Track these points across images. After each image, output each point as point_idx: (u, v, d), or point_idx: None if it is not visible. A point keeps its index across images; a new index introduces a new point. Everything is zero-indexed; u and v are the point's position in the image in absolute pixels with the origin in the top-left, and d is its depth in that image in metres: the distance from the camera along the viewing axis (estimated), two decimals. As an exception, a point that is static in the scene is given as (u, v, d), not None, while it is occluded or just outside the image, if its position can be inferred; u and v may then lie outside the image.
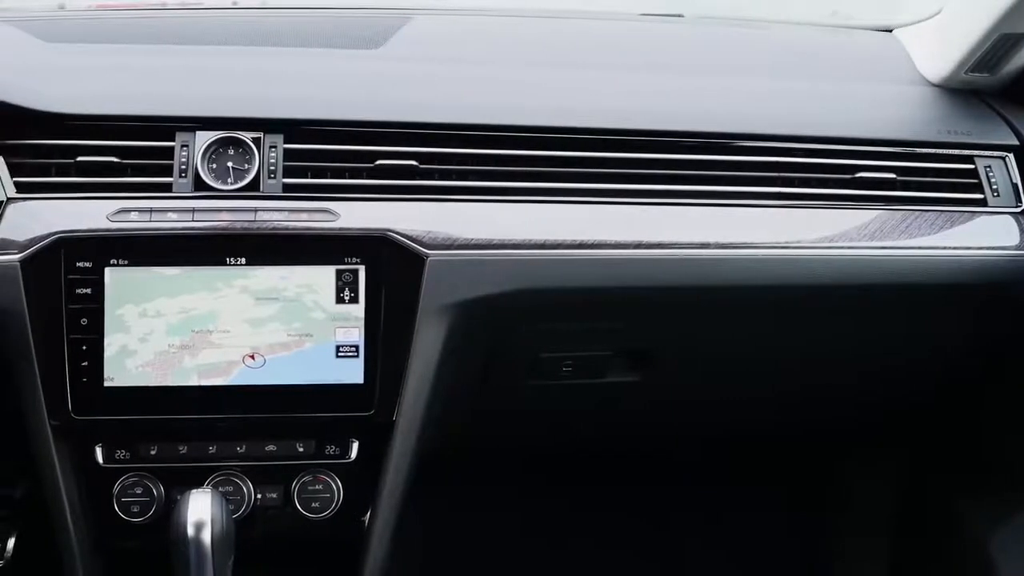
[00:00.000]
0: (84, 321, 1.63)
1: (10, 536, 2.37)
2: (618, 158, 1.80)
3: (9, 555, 2.36)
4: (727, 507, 2.57)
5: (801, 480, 2.59)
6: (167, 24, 2.13)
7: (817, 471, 2.58)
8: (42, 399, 1.64)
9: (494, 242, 1.70)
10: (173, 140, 1.71)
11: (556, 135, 1.79)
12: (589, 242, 1.72)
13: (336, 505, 1.72)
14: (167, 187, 1.69)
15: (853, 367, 2.03)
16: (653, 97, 1.93)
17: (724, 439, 2.34)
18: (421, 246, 1.67)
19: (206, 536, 1.50)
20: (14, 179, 1.68)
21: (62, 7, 2.41)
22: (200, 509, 1.52)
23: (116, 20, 2.17)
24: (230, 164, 1.70)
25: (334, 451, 1.73)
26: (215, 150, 1.70)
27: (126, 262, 1.63)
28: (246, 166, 1.70)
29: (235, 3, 2.59)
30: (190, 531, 1.50)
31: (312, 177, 1.72)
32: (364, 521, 1.74)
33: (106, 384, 1.64)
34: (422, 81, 1.86)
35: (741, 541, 2.58)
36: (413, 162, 1.73)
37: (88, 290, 1.63)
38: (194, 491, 1.56)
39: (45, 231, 1.63)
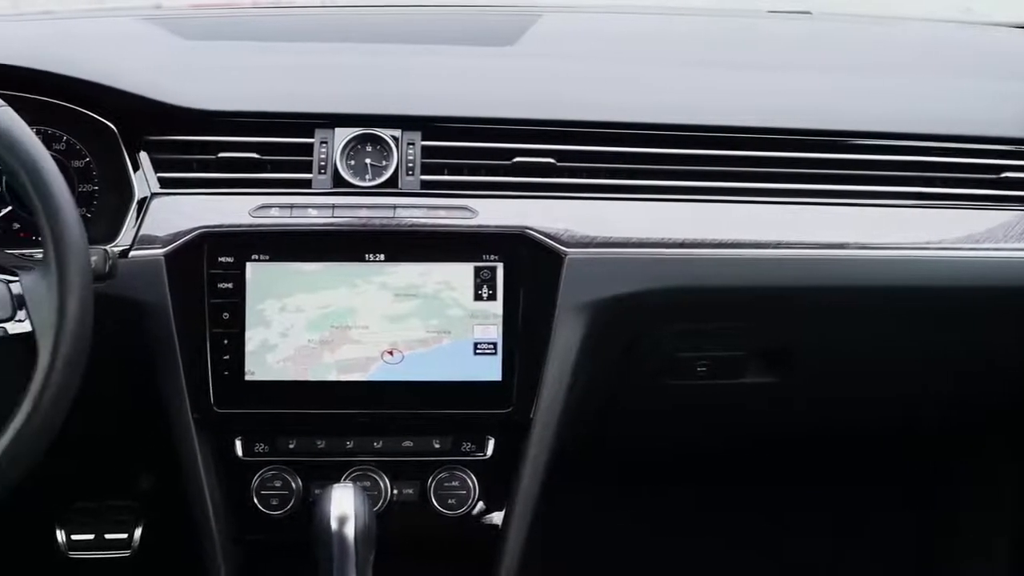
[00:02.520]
0: (226, 315, 1.65)
1: (137, 526, 2.41)
2: (755, 156, 1.77)
3: (136, 545, 2.40)
4: (851, 506, 2.53)
5: (924, 480, 2.54)
6: (297, 22, 2.15)
7: (943, 471, 2.52)
8: (185, 392, 1.66)
9: (632, 241, 1.69)
10: (312, 137, 1.71)
11: (692, 133, 1.77)
12: (728, 241, 1.70)
13: (472, 502, 1.73)
14: (306, 183, 1.70)
15: (992, 368, 1.99)
16: (787, 95, 1.90)
17: (855, 438, 2.30)
18: (560, 244, 1.66)
19: (349, 530, 1.50)
20: (157, 174, 1.70)
21: (158, 6, 2.45)
22: (343, 503, 1.52)
23: (247, 18, 2.21)
24: (368, 161, 1.71)
25: (470, 448, 1.73)
26: (353, 147, 1.71)
27: (267, 257, 1.65)
28: (384, 163, 1.70)
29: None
30: (333, 525, 1.50)
31: (449, 174, 1.72)
32: (499, 518, 1.74)
33: (247, 378, 1.66)
34: (559, 78, 1.85)
35: (862, 540, 2.54)
36: (551, 160, 1.72)
37: (230, 285, 1.64)
38: (336, 485, 1.57)
39: (188, 226, 1.65)
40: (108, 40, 1.95)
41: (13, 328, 1.42)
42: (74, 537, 2.40)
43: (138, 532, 2.41)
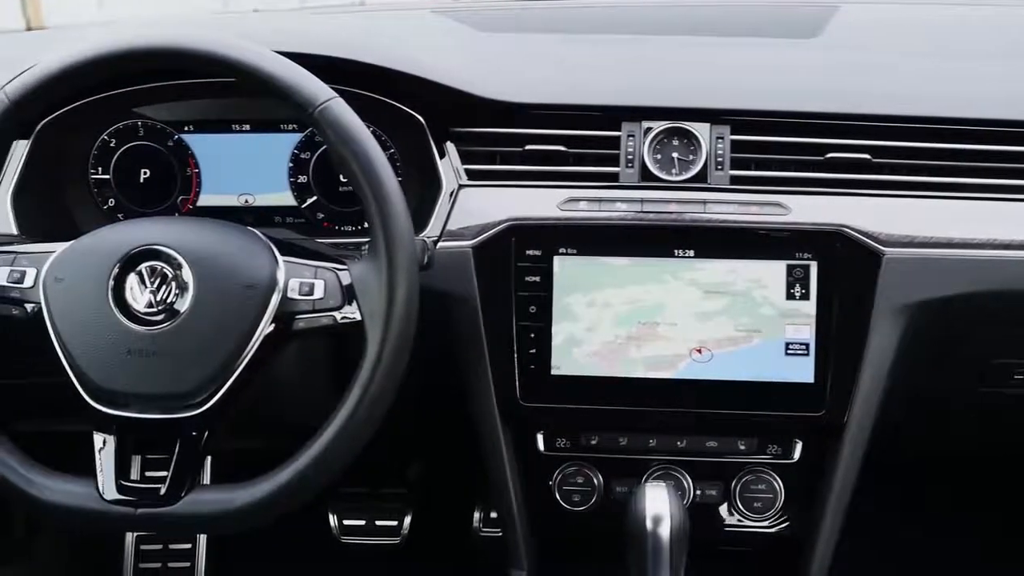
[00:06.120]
0: (532, 309, 1.64)
1: (407, 514, 2.45)
2: None
3: (405, 532, 2.44)
4: None
5: None
6: (584, 14, 2.15)
7: None
8: (492, 385, 1.65)
9: (955, 241, 1.61)
10: (619, 130, 1.69)
11: (1017, 129, 1.68)
12: None
13: (777, 507, 1.69)
14: (613, 177, 1.67)
15: None
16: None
17: None
18: (878, 243, 1.60)
19: (664, 530, 1.48)
20: (465, 166, 1.70)
21: (362, 3, 2.47)
22: (658, 503, 1.50)
23: (532, 11, 2.21)
24: (675, 155, 1.67)
25: (776, 451, 1.70)
26: (660, 140, 1.68)
27: (574, 251, 1.63)
28: (691, 157, 1.67)
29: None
30: (648, 524, 1.48)
31: (756, 169, 1.68)
32: (804, 523, 1.70)
33: (553, 372, 1.64)
34: (871, 71, 1.78)
35: None
36: (866, 156, 1.66)
37: (537, 278, 1.63)
38: (649, 484, 1.55)
39: (496, 218, 1.64)
40: (408, 34, 1.97)
41: (342, 316, 1.44)
42: (346, 522, 2.46)
43: (407, 520, 2.45)
